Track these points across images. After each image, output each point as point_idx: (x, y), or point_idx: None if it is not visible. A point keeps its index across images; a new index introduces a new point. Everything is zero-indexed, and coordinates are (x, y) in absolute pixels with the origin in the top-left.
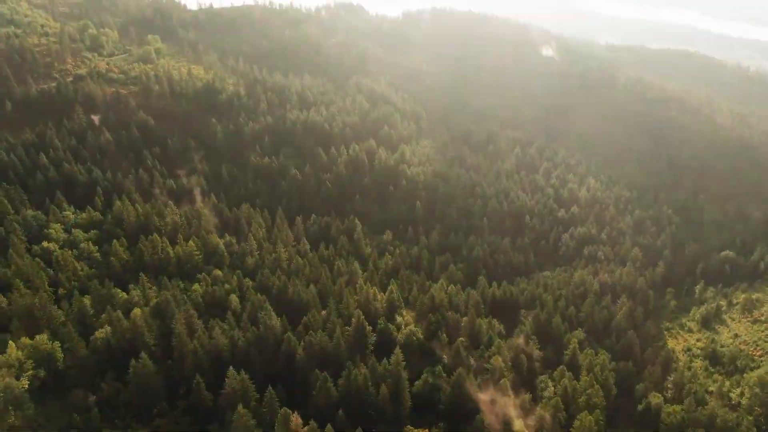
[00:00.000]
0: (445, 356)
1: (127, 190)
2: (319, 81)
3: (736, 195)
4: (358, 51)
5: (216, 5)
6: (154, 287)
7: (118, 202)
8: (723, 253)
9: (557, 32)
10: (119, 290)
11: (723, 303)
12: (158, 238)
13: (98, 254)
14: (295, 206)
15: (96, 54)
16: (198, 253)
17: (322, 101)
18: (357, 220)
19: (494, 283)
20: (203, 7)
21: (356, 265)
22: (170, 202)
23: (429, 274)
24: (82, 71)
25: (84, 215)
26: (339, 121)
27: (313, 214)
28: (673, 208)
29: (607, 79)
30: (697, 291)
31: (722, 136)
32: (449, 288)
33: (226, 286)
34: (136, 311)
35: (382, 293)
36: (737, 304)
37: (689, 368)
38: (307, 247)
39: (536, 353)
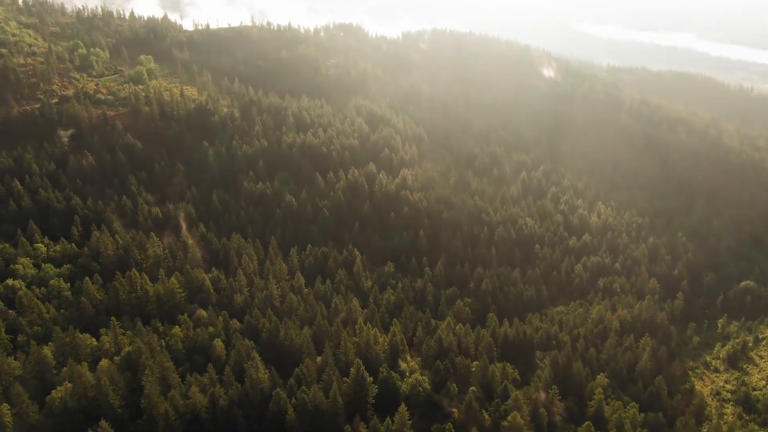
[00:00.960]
0: (455, 411)
1: (108, 219)
2: (317, 102)
3: (750, 219)
4: (357, 72)
5: (213, 26)
6: (129, 332)
7: (96, 233)
8: (743, 284)
9: (557, 54)
10: (88, 336)
11: (749, 339)
12: (137, 273)
13: (69, 293)
14: (290, 236)
15: (85, 75)
16: (181, 291)
17: (320, 123)
18: (356, 251)
19: (505, 321)
20: (199, 27)
21: (355, 301)
22: (152, 234)
23: (434, 310)
24: (69, 92)
25: (58, 248)
26: (337, 144)
27: (309, 245)
28: (686, 234)
29: (612, 101)
30: (719, 325)
31: (732, 159)
32: (457, 327)
33: (210, 329)
34: (104, 363)
35: (384, 335)
36: (763, 339)
37: (722, 416)
38: (302, 282)
39: (557, 405)
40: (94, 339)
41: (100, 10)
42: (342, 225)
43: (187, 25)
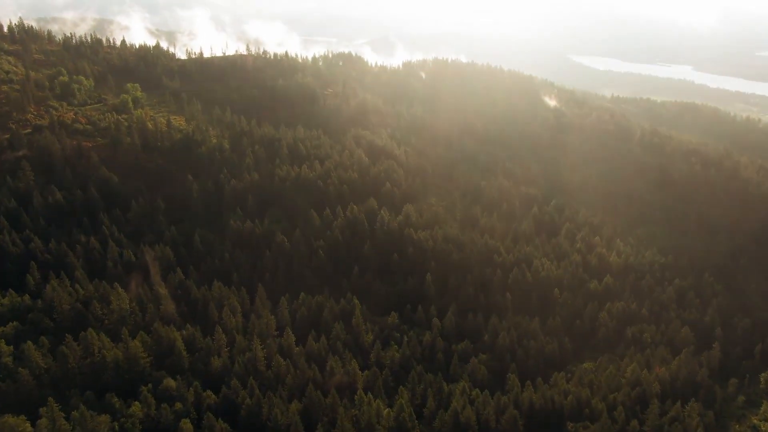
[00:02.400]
0: None
1: (71, 265)
2: (314, 133)
3: None
4: (356, 101)
5: (207, 55)
6: (75, 411)
7: (53, 283)
8: None
9: (559, 85)
10: (23, 419)
11: None
12: (94, 333)
13: (10, 358)
14: (281, 282)
15: (65, 103)
16: (145, 356)
17: (317, 156)
18: (355, 299)
19: (528, 384)
20: (193, 56)
21: (354, 363)
22: (117, 285)
23: (446, 370)
24: (44, 122)
25: (6, 300)
26: (335, 177)
27: (302, 293)
28: (713, 274)
29: (621, 132)
30: (762, 380)
31: (751, 191)
32: (473, 393)
33: (178, 405)
34: None
35: (388, 408)
36: None
37: None
38: (292, 340)
39: None
40: (29, 424)
41: (89, 38)
42: (339, 268)
43: (180, 54)
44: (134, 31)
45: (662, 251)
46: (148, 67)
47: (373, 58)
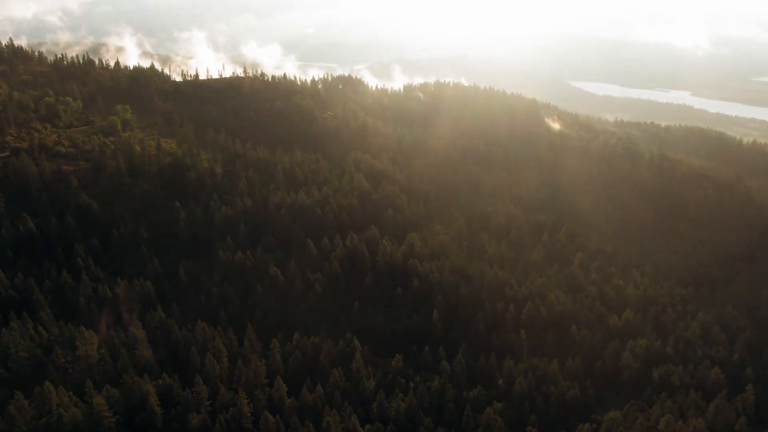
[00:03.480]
0: None
1: (37, 303)
2: (312, 157)
3: None
4: (356, 124)
5: (203, 77)
6: None
7: (13, 324)
8: None
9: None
10: None
11: None
12: (51, 388)
13: None
14: (273, 320)
15: (49, 125)
16: (110, 415)
17: (314, 180)
18: (356, 340)
19: None
20: (188, 78)
21: (355, 418)
22: (83, 328)
23: (458, 423)
24: (24, 144)
25: None
26: (334, 204)
27: (297, 333)
28: (737, 307)
29: (629, 156)
30: None
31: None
32: None
33: None
34: None
35: None
36: None
37: None
38: (284, 391)
39: None
40: None
41: (81, 59)
42: (338, 304)
43: (176, 76)
44: (129, 53)
45: (681, 282)
46: (141, 89)
47: (373, 82)
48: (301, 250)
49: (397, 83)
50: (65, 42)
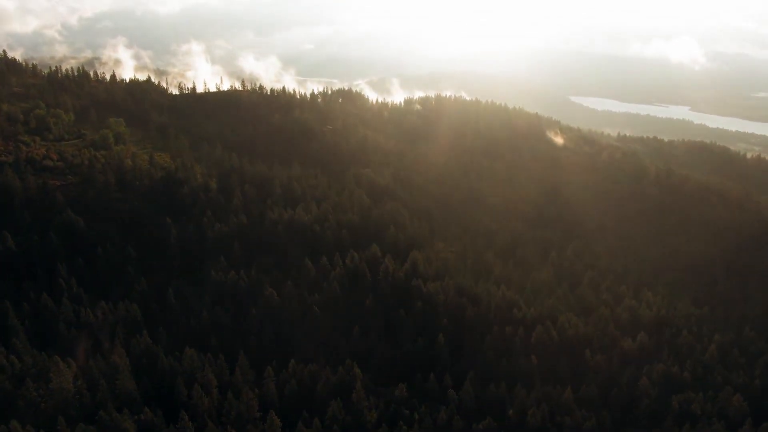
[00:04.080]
0: None
1: (11, 329)
2: (311, 172)
3: None
4: (357, 138)
5: (200, 90)
6: None
7: None
8: None
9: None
10: None
11: None
12: (18, 427)
13: None
14: (268, 346)
15: (38, 138)
16: None
17: (313, 196)
18: (356, 367)
19: None
20: (186, 92)
21: None
22: (57, 358)
23: None
24: (9, 158)
25: None
26: (333, 221)
27: (293, 360)
28: (754, 328)
29: (635, 171)
30: None
31: None
32: None
33: None
34: None
35: None
36: None
37: None
38: (278, 425)
39: None
40: None
41: (76, 72)
42: (337, 328)
43: (173, 89)
44: (126, 66)
45: (695, 301)
46: (137, 102)
47: (373, 96)
48: (298, 270)
49: (397, 98)
50: (62, 55)
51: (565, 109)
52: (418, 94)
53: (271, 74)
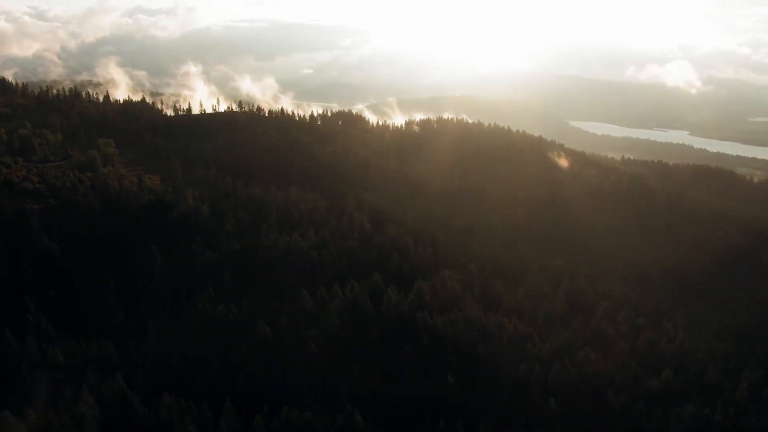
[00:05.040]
0: None
1: None
2: (309, 195)
3: None
4: (357, 161)
5: (196, 111)
6: None
7: None
8: None
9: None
10: None
11: None
12: None
13: None
14: (258, 389)
15: (21, 159)
16: None
17: (311, 221)
18: (357, 413)
19: None
20: (181, 113)
21: None
22: (6, 413)
23: None
24: None
25: None
26: (332, 247)
27: (285, 407)
28: None
29: (645, 195)
30: None
31: None
32: None
33: None
34: None
35: None
36: None
37: None
38: None
39: None
40: None
41: (67, 92)
42: (336, 367)
43: (168, 110)
44: (122, 87)
45: (717, 334)
46: (129, 123)
47: (373, 119)
48: (293, 301)
49: (398, 121)
50: (56, 75)
51: (565, 133)
52: (419, 117)
53: (269, 96)
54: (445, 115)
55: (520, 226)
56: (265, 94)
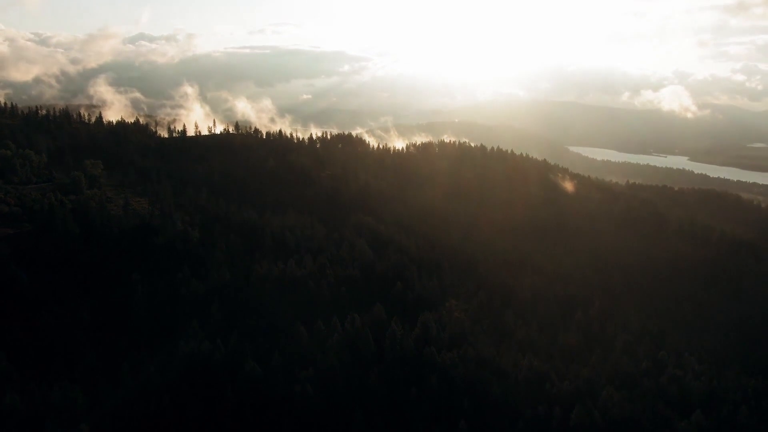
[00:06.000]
0: None
1: None
2: (307, 220)
3: None
4: (358, 185)
5: (191, 133)
6: None
7: None
8: None
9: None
10: None
11: None
12: None
13: None
14: None
15: (1, 181)
16: None
17: (308, 248)
18: None
19: None
20: (175, 134)
21: None
22: None
23: None
24: None
25: None
26: (331, 276)
27: None
28: None
29: (656, 220)
30: None
31: None
32: None
33: None
34: None
35: None
36: None
37: None
38: None
39: None
40: None
41: (57, 112)
42: (335, 412)
43: (162, 132)
44: (115, 107)
45: (745, 368)
46: (120, 144)
47: (373, 143)
48: (288, 337)
49: (398, 145)
50: (51, 97)
51: (565, 158)
52: (419, 141)
53: (266, 119)
54: (446, 140)
55: (528, 253)
56: (262, 117)
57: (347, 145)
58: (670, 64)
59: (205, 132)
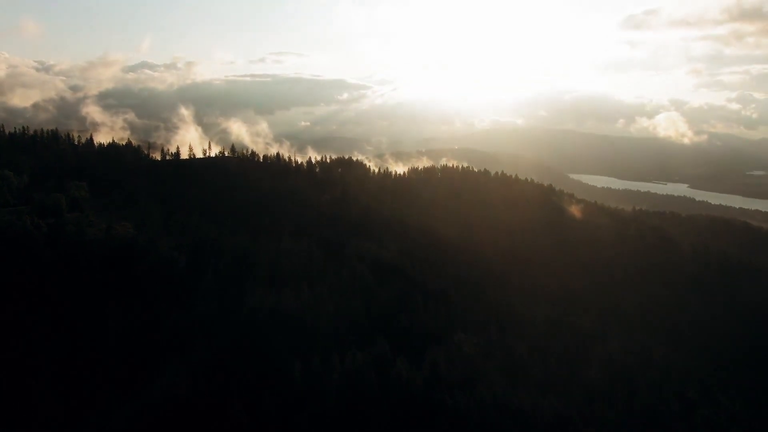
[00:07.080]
0: None
1: None
2: (304, 245)
3: None
4: (358, 209)
5: (185, 156)
6: None
7: None
8: None
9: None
10: None
11: None
12: None
13: None
14: None
15: None
16: None
17: (305, 275)
18: None
19: None
20: (169, 156)
21: None
22: None
23: None
24: None
25: None
26: (329, 307)
27: None
28: None
29: (669, 246)
30: None
31: None
32: None
33: None
34: None
35: None
36: None
37: None
38: None
39: None
40: None
41: (45, 132)
42: None
43: (155, 154)
44: (107, 130)
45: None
46: (109, 166)
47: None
48: (282, 375)
49: (399, 170)
50: (44, 120)
51: (566, 185)
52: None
53: (263, 143)
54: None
55: (537, 281)
56: (258, 142)
57: (347, 168)
58: (666, 93)
59: (199, 155)
